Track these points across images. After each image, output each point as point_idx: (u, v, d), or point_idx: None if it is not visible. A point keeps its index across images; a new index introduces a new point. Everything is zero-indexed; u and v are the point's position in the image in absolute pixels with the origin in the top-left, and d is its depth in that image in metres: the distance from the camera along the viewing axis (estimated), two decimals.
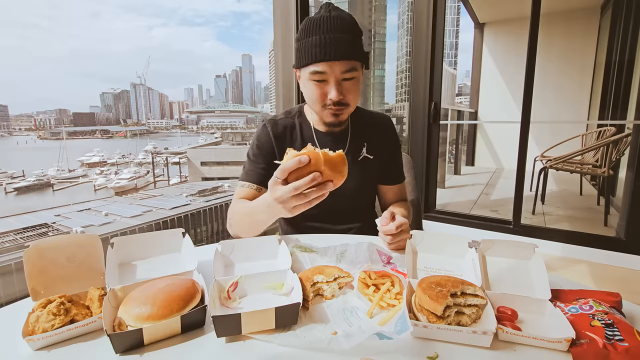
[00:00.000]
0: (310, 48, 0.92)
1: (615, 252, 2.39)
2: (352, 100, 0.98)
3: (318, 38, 0.91)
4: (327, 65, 0.91)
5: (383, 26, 54.84)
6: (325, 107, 0.98)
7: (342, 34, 0.91)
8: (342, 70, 0.92)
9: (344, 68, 0.92)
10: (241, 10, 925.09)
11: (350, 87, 0.96)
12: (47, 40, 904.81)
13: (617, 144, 2.92)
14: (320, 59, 0.91)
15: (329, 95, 0.95)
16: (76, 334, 0.57)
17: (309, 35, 0.93)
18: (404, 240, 0.84)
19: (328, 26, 0.91)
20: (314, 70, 0.93)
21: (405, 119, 35.59)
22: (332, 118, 0.99)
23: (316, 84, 0.95)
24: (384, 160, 1.13)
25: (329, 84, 0.94)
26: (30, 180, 43.93)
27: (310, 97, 0.99)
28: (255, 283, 0.68)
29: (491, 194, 4.37)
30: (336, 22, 0.92)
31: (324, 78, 0.93)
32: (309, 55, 0.92)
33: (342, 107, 0.97)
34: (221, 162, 36.56)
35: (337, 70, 0.92)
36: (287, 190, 0.66)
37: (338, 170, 0.67)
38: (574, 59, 5.26)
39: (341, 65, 0.91)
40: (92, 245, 0.71)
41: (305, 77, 0.97)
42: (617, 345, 0.50)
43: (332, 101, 0.95)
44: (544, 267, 0.67)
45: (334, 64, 0.91)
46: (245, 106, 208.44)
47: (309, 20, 0.95)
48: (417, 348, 0.55)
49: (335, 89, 0.93)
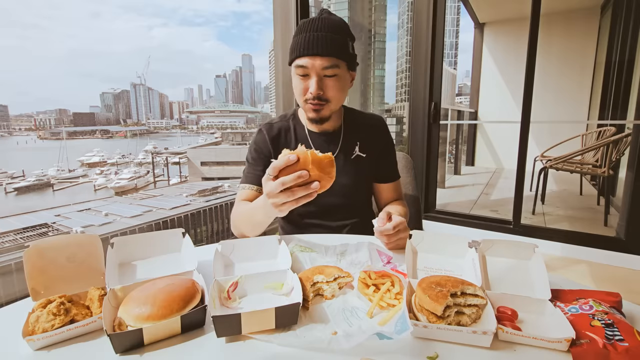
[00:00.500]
0: (297, 44, 0.98)
1: (615, 252, 2.39)
2: (334, 97, 1.02)
3: (305, 35, 0.97)
4: (308, 59, 0.97)
5: (383, 26, 54.84)
6: (306, 102, 1.02)
7: (328, 32, 0.97)
8: (322, 66, 0.97)
9: (325, 64, 0.97)
10: (241, 11, 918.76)
11: (331, 84, 1.00)
12: (47, 40, 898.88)
13: (617, 144, 2.92)
14: (303, 54, 0.97)
15: (309, 89, 0.99)
16: (76, 334, 0.57)
17: (299, 33, 0.99)
18: (402, 239, 0.84)
19: (316, 25, 0.98)
20: (298, 64, 0.99)
21: (405, 119, 35.60)
22: (312, 113, 1.03)
23: (300, 79, 1.00)
24: (377, 159, 1.16)
25: (310, 78, 0.99)
26: (30, 180, 43.92)
27: (295, 92, 1.05)
28: (255, 283, 0.68)
29: (491, 194, 4.37)
30: (324, 22, 0.98)
31: (306, 72, 0.99)
32: (296, 50, 0.99)
33: (322, 103, 1.01)
34: (221, 162, 36.58)
35: (317, 66, 0.97)
36: (275, 186, 0.68)
37: (326, 172, 0.69)
38: (574, 59, 5.26)
39: (322, 61, 0.96)
40: (92, 245, 0.71)
41: (293, 73, 1.03)
42: (617, 345, 0.50)
43: (311, 95, 0.99)
44: (544, 267, 0.67)
45: (315, 58, 0.96)
46: (245, 106, 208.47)
47: (302, 21, 1.02)
48: (417, 348, 0.55)
49: (315, 83, 0.98)
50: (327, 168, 0.69)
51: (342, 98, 1.06)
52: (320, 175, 0.68)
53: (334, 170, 0.70)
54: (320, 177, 0.68)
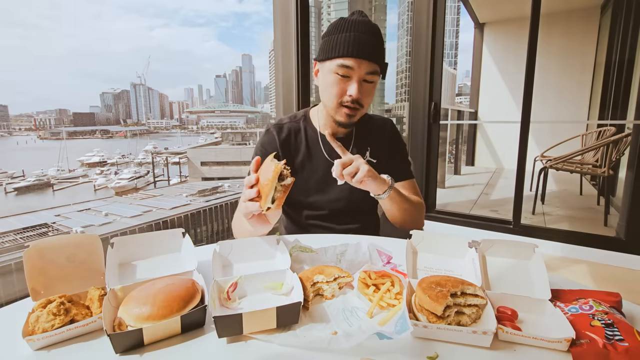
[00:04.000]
0: (342, 42, 0.94)
1: (615, 252, 2.38)
2: (367, 104, 1.01)
3: (352, 35, 0.94)
4: (355, 61, 0.93)
5: (383, 26, 54.85)
6: (341, 105, 0.99)
7: (373, 37, 0.95)
8: (367, 71, 0.95)
9: (369, 69, 0.95)
10: (242, 11, 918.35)
11: (368, 90, 0.99)
12: (47, 40, 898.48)
13: (617, 143, 2.92)
14: (350, 54, 0.93)
15: (348, 92, 0.96)
16: (76, 334, 0.57)
17: (342, 32, 0.95)
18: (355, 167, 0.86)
19: (362, 27, 0.95)
20: (342, 64, 0.94)
21: (405, 119, 35.56)
22: (344, 117, 1.01)
23: (339, 79, 0.96)
24: (388, 164, 1.14)
25: (352, 81, 0.96)
26: (30, 180, 43.90)
27: (328, 92, 1.00)
28: (254, 283, 0.68)
29: (491, 194, 4.37)
30: (367, 25, 0.96)
31: (349, 74, 0.95)
32: (340, 48, 0.94)
33: (357, 108, 0.99)
34: (221, 162, 36.57)
35: (362, 69, 0.94)
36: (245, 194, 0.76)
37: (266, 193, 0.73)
38: (574, 59, 5.26)
39: (367, 66, 0.94)
40: (92, 245, 0.71)
41: (328, 70, 0.98)
42: (617, 345, 0.50)
43: (351, 98, 0.96)
44: (544, 267, 0.67)
45: (362, 62, 0.94)
46: (245, 106, 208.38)
47: (342, 19, 0.98)
48: (417, 348, 0.55)
49: (357, 87, 0.95)
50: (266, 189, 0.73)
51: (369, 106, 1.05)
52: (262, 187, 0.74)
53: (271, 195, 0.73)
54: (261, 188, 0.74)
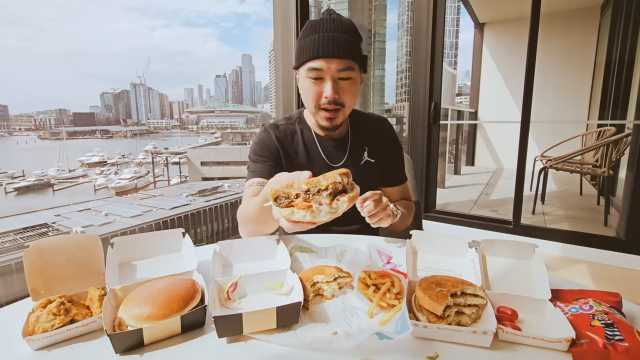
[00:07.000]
0: (309, 45, 0.93)
1: (615, 252, 2.38)
2: (348, 102, 0.98)
3: (317, 36, 0.92)
4: (324, 61, 0.92)
5: (383, 26, 54.82)
6: (319, 109, 0.97)
7: (341, 33, 0.92)
8: (338, 68, 0.92)
9: (341, 66, 0.92)
10: (243, 11, 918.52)
11: (346, 87, 0.96)
12: (47, 40, 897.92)
13: (617, 143, 2.92)
14: (317, 56, 0.92)
15: (324, 93, 0.94)
16: (76, 334, 0.57)
17: (309, 35, 0.94)
18: (383, 210, 0.86)
19: (327, 26, 0.93)
20: (311, 67, 0.93)
21: (405, 119, 35.54)
22: (325, 122, 0.99)
23: (312, 82, 0.95)
24: (385, 163, 1.13)
25: (325, 82, 0.94)
26: (30, 180, 43.88)
27: (305, 97, 0.99)
28: (254, 283, 0.68)
29: (491, 193, 4.36)
30: (335, 22, 0.93)
31: (320, 75, 0.94)
32: (307, 52, 0.93)
33: (338, 108, 0.97)
34: (221, 162, 36.56)
35: (333, 68, 0.92)
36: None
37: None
38: (574, 59, 5.26)
39: (338, 63, 0.92)
40: (92, 245, 0.71)
41: (303, 76, 0.97)
42: (617, 345, 0.50)
43: (327, 99, 0.94)
44: (544, 267, 0.67)
45: (331, 61, 0.91)
46: (245, 106, 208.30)
47: (310, 21, 0.97)
48: (417, 348, 0.55)
49: (331, 86, 0.93)
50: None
51: (355, 103, 1.01)
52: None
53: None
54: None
